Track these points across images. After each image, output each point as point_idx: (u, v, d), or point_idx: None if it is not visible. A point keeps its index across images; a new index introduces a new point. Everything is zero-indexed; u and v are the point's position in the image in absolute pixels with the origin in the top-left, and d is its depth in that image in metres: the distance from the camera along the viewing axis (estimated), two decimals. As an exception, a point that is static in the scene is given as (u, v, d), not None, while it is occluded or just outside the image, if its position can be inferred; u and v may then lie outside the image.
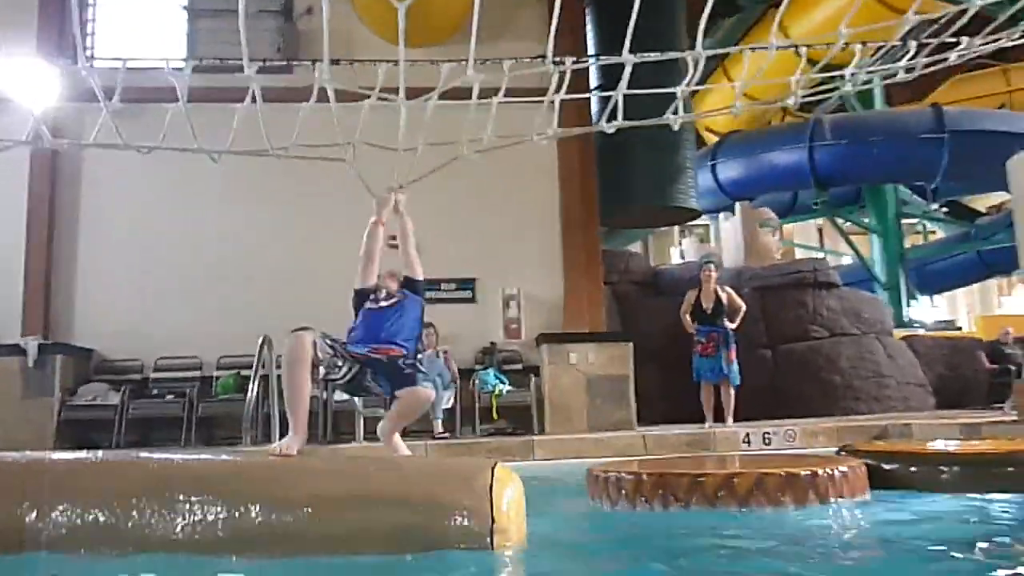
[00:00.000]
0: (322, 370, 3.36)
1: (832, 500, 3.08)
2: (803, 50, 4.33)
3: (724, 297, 8.39)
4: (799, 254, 16.91)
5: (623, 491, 3.21)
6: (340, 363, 3.38)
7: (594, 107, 8.97)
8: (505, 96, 4.09)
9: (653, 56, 4.00)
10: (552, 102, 4.29)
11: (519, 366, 8.89)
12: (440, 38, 8.88)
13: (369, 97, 4.07)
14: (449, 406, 8.15)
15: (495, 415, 8.25)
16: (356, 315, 3.70)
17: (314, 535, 2.55)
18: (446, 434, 7.84)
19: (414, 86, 4.11)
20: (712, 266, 8.53)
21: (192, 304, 8.76)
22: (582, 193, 9.34)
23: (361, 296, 3.74)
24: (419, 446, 6.51)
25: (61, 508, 2.63)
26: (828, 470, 3.13)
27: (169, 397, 8.14)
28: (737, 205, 12.71)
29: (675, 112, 4.34)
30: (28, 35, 8.90)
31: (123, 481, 2.72)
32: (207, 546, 2.54)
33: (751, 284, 10.91)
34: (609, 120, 4.23)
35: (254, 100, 4.05)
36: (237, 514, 2.58)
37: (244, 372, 7.69)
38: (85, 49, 9.21)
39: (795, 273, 10.93)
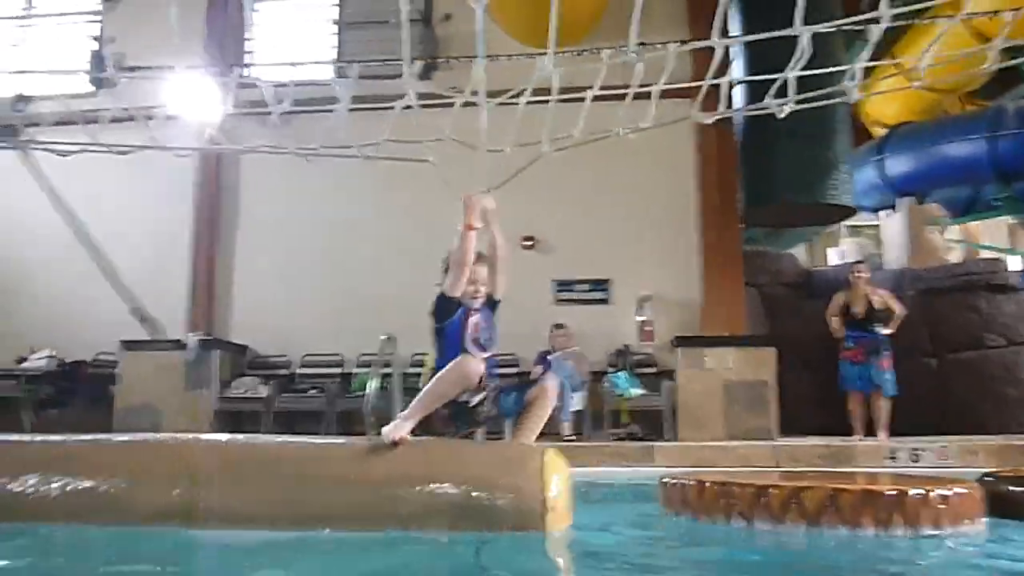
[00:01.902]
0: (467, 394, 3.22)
1: (925, 525, 2.71)
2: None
3: (877, 301, 7.77)
4: (985, 255, 15.40)
5: (686, 500, 3.01)
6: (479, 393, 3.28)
7: (737, 98, 8.57)
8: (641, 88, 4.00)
9: (826, 26, 3.74)
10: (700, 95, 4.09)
11: (652, 369, 8.64)
12: (577, 37, 8.80)
13: (519, 97, 4.17)
14: (578, 408, 8.04)
15: (625, 419, 8.06)
16: (438, 321, 3.46)
17: (382, 513, 2.72)
18: (573, 436, 7.73)
19: (542, 87, 4.14)
20: (862, 267, 7.94)
21: (336, 303, 9.15)
22: (722, 190, 8.96)
23: (447, 306, 3.42)
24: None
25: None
26: (922, 491, 2.77)
27: (312, 392, 8.55)
28: (901, 202, 11.73)
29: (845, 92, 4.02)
30: (195, 48, 9.59)
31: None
32: (289, 521, 2.71)
33: (914, 287, 10.01)
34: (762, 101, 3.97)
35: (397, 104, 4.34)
36: (314, 492, 2.78)
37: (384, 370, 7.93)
38: (244, 64, 9.88)
39: (965, 275, 9.92)
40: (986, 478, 3.39)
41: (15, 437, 3.84)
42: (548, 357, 8.23)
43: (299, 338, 9.15)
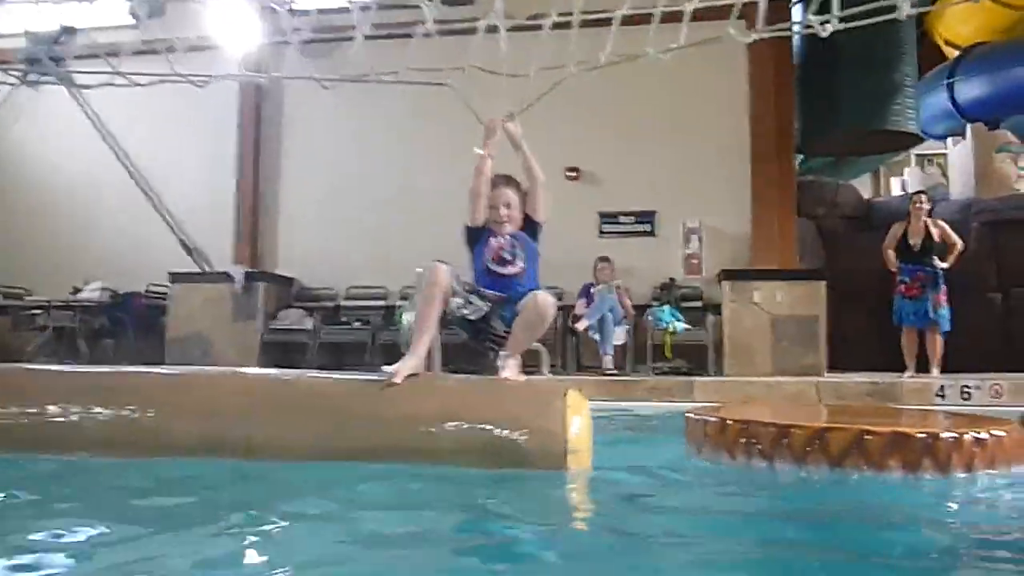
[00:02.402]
0: (455, 303, 3.21)
1: (958, 470, 2.55)
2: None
3: (936, 233, 7.39)
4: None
5: (707, 437, 2.89)
6: (476, 300, 3.25)
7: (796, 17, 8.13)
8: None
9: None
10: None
11: (699, 303, 8.45)
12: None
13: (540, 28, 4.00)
14: (621, 343, 7.93)
15: (668, 354, 7.92)
16: (471, 251, 3.52)
17: (406, 448, 2.70)
18: (615, 371, 7.65)
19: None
20: (923, 197, 7.54)
21: (381, 236, 9.12)
22: (776, 118, 8.56)
23: (473, 235, 3.48)
24: (580, 381, 6.39)
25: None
26: (956, 433, 2.59)
27: (356, 324, 8.61)
28: (968, 128, 11.09)
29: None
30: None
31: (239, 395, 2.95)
32: (316, 454, 2.71)
33: (980, 218, 9.53)
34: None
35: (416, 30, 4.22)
36: (344, 427, 2.78)
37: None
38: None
39: (1036, 206, 9.41)
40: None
41: (56, 367, 3.95)
42: (591, 290, 8.11)
43: (344, 271, 9.18)
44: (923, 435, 2.64)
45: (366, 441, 2.72)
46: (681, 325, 8.01)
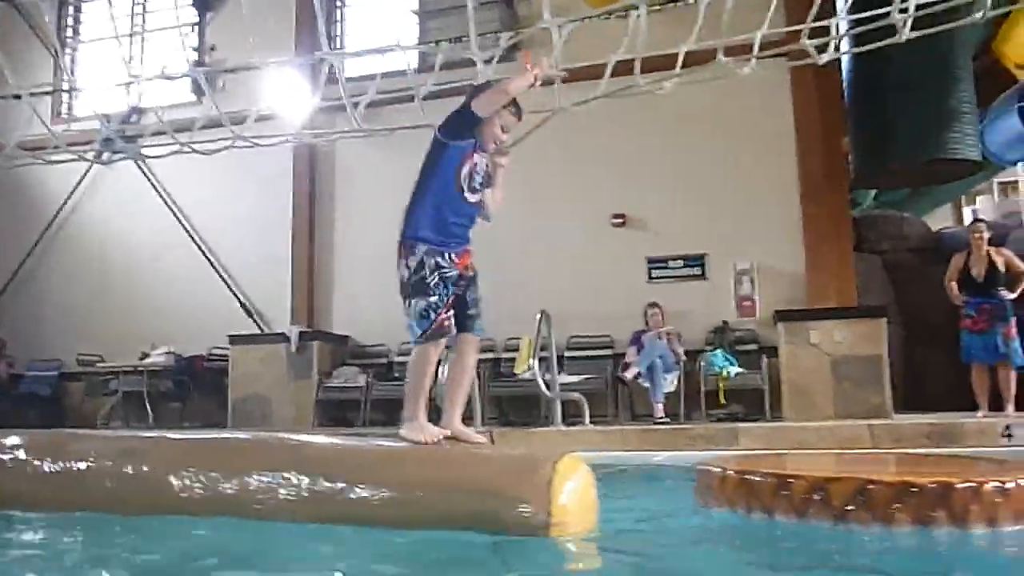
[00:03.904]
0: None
1: (978, 525, 2.34)
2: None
3: (1001, 261, 7.03)
4: None
5: (711, 489, 2.76)
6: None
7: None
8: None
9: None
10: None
11: (754, 346, 8.19)
12: None
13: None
14: (672, 389, 7.74)
15: (722, 399, 7.68)
16: (445, 132, 3.06)
17: (387, 515, 2.67)
18: (667, 419, 7.45)
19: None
20: (981, 226, 7.20)
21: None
22: (826, 151, 8.34)
23: (464, 122, 3.02)
24: (614, 432, 6.25)
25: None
26: (975, 482, 2.39)
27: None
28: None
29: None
30: (287, 46, 9.87)
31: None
32: (305, 515, 2.73)
33: (1057, 245, 9.01)
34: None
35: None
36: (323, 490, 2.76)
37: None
38: (333, 52, 10.07)
39: (1118, 230, 8.85)
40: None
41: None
42: (641, 337, 7.97)
43: (397, 327, 9.22)
44: (934, 485, 2.45)
45: (346, 505, 2.70)
46: (735, 369, 7.78)
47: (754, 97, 8.48)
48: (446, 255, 3.04)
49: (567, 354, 8.56)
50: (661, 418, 7.46)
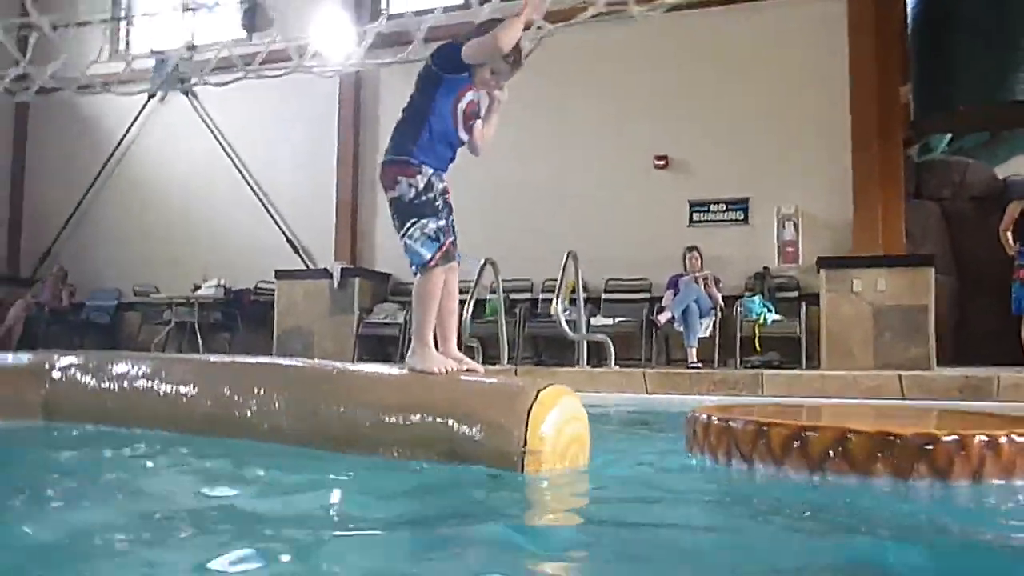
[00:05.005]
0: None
1: (961, 478, 2.26)
2: None
3: (1060, 211, 6.68)
4: None
5: (695, 436, 2.72)
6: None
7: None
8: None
9: None
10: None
11: (794, 294, 8.01)
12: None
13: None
14: (706, 335, 7.66)
15: (758, 346, 7.57)
16: (439, 63, 2.93)
17: (365, 438, 2.70)
18: (699, 364, 7.39)
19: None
20: (1040, 172, 6.81)
21: (482, 225, 9.14)
22: (880, 94, 7.96)
23: (459, 56, 2.87)
24: (636, 374, 6.22)
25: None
26: (957, 436, 2.30)
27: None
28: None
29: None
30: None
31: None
32: (284, 436, 2.84)
33: None
34: None
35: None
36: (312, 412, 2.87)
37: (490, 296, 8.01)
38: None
39: None
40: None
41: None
42: (678, 281, 7.88)
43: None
44: (915, 436, 2.38)
45: (326, 429, 2.77)
46: (772, 316, 7.64)
47: (808, 38, 8.15)
48: (443, 179, 3.05)
49: (604, 296, 8.54)
50: (694, 363, 7.41)
